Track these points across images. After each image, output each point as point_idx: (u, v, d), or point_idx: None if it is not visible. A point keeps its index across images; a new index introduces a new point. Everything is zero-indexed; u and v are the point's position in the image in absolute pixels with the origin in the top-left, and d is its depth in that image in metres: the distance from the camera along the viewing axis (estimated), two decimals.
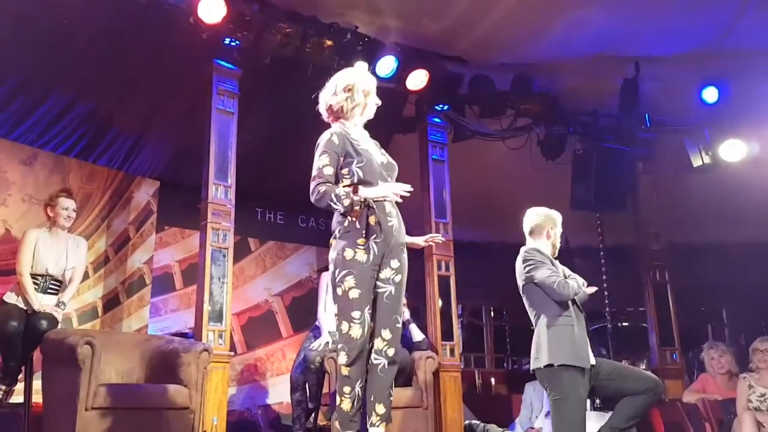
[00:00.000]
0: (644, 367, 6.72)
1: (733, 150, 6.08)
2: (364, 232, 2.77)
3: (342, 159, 2.81)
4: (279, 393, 6.04)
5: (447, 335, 5.26)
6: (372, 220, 2.79)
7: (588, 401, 4.52)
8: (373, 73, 5.12)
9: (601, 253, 7.36)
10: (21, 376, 3.92)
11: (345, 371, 2.72)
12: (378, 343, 2.72)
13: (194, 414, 3.64)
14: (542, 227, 3.51)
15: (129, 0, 4.33)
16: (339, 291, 2.75)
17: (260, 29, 4.70)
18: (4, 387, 3.80)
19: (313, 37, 4.87)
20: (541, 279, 3.32)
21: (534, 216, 3.55)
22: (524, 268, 3.39)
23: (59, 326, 3.97)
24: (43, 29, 4.45)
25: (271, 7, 4.74)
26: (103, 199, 5.75)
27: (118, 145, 5.66)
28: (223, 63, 4.75)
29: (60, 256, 4.06)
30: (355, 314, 2.71)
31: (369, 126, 3.08)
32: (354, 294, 2.72)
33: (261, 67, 4.91)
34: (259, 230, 6.57)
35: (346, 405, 2.72)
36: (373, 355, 2.71)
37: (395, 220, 2.86)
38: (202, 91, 4.76)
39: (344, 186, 2.79)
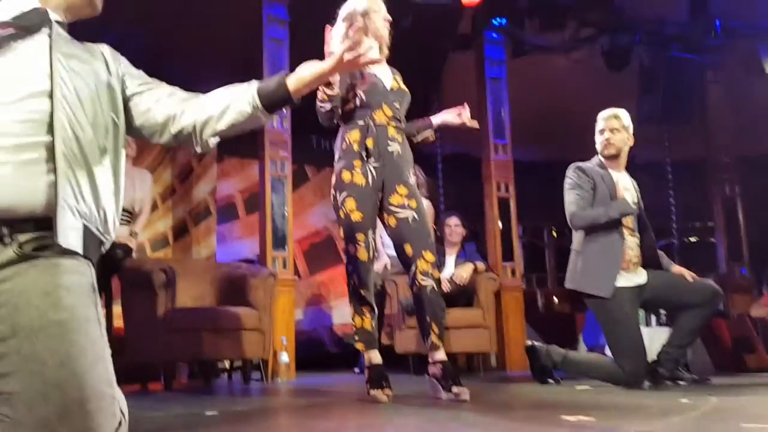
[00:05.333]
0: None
1: None
2: (363, 154, 2.76)
3: (349, 81, 2.77)
4: (342, 315, 6.25)
5: (507, 256, 5.27)
6: (370, 142, 2.76)
7: (653, 316, 4.50)
8: None
9: (669, 168, 7.16)
10: (102, 302, 4.17)
11: (362, 292, 2.77)
12: (422, 265, 2.72)
13: (264, 334, 3.82)
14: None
15: None
16: (341, 214, 2.75)
17: None
18: None
19: None
20: (566, 203, 3.27)
21: None
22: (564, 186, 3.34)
23: (134, 255, 4.17)
24: None
25: None
26: None
27: (174, 80, 5.71)
28: None
29: (127, 188, 4.20)
30: (360, 237, 2.72)
31: (422, 45, 2.99)
32: (357, 217, 2.72)
33: None
34: (316, 157, 6.60)
35: (368, 324, 2.78)
36: (419, 276, 2.71)
37: (398, 146, 2.81)
38: (253, 19, 4.72)
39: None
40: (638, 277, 3.26)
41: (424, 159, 4.39)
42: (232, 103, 1.48)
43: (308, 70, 1.55)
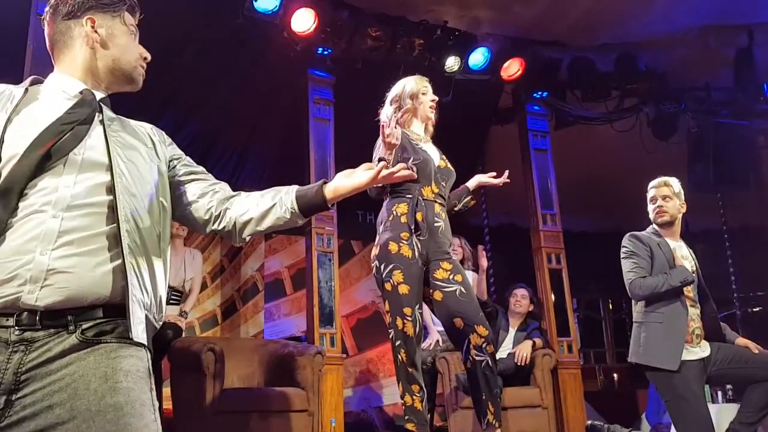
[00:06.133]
0: None
1: None
2: (411, 227, 2.75)
3: (400, 154, 2.81)
4: (392, 394, 6.07)
5: (563, 331, 5.08)
6: (419, 216, 2.77)
7: (719, 392, 4.23)
8: (466, 66, 5.07)
9: (725, 236, 6.92)
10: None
11: (409, 370, 2.68)
12: (476, 339, 2.65)
13: (313, 416, 3.72)
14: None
15: (227, 22, 4.51)
16: (388, 286, 2.72)
17: (351, 35, 4.76)
18: None
19: (403, 37, 4.87)
20: (624, 272, 3.15)
21: None
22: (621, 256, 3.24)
23: (183, 335, 4.19)
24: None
25: (359, 12, 4.78)
26: None
27: (225, 161, 5.92)
28: (317, 72, 4.85)
29: (179, 268, 4.29)
30: (407, 311, 2.68)
31: (465, 119, 3.07)
32: (404, 289, 2.69)
33: (354, 73, 4.96)
34: (361, 232, 6.63)
35: (418, 403, 2.68)
36: (473, 352, 2.64)
37: (442, 223, 2.84)
38: (299, 100, 4.89)
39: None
40: (702, 350, 3.09)
41: (471, 230, 4.35)
42: (272, 208, 1.60)
43: (345, 182, 1.63)
